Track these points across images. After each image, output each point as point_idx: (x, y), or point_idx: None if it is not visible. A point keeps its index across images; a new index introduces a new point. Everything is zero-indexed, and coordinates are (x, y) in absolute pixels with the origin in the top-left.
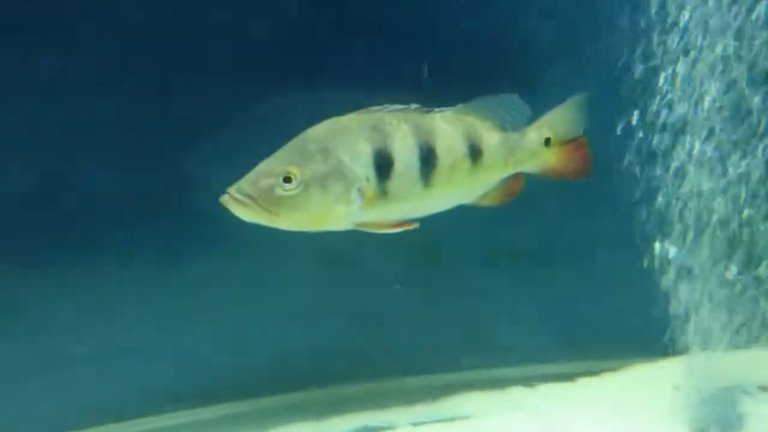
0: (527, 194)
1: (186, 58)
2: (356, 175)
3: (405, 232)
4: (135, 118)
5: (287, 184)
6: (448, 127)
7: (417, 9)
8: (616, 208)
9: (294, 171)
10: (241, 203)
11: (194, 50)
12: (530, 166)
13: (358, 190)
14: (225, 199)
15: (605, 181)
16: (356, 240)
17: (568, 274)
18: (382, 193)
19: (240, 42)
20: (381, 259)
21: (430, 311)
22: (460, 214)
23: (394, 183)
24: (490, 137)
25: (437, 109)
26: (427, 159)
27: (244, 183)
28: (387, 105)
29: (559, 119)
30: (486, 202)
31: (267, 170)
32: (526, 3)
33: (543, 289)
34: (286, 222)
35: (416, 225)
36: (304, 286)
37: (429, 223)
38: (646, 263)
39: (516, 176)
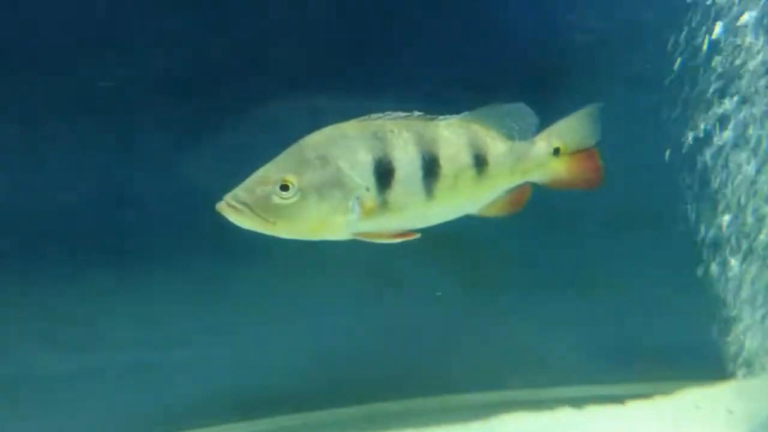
0: (583, 210)
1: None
2: (355, 183)
3: (454, 248)
4: (193, 129)
5: (284, 192)
6: (451, 136)
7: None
8: (671, 228)
9: (291, 179)
10: (236, 210)
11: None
12: (538, 176)
13: (357, 199)
14: (221, 206)
15: (658, 199)
16: (400, 255)
17: (621, 293)
18: (382, 203)
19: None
20: (426, 276)
21: (477, 329)
22: (515, 231)
23: (395, 193)
24: (496, 146)
25: (441, 117)
26: (430, 168)
27: (241, 190)
28: (389, 112)
29: (570, 129)
30: (491, 212)
31: (264, 178)
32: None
33: (594, 309)
34: (283, 230)
35: (417, 235)
36: (348, 300)
37: (478, 239)
38: (700, 284)
39: (523, 186)
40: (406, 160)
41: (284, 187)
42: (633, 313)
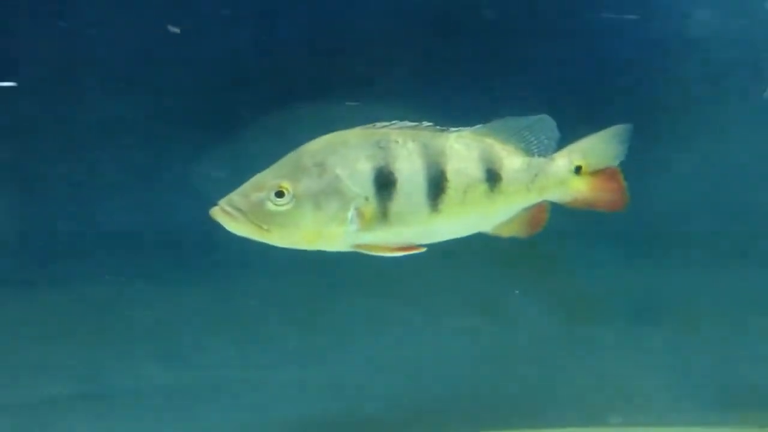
0: (688, 236)
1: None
2: (354, 193)
3: (553, 278)
4: None
5: (278, 199)
6: (462, 148)
7: None
8: None
9: (286, 185)
10: (230, 216)
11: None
12: (557, 195)
13: (356, 209)
14: (215, 212)
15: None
16: (503, 284)
17: (729, 330)
18: (383, 215)
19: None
20: (523, 305)
21: (574, 363)
22: (609, 265)
23: (397, 205)
24: (511, 161)
25: (452, 129)
26: (436, 181)
27: (236, 195)
28: (395, 121)
29: (593, 147)
30: (507, 232)
31: (259, 183)
32: None
33: (701, 346)
34: (278, 239)
35: (423, 249)
36: (450, 328)
37: (577, 267)
38: None
39: (540, 205)
40: (409, 171)
41: (279, 194)
42: (744, 351)
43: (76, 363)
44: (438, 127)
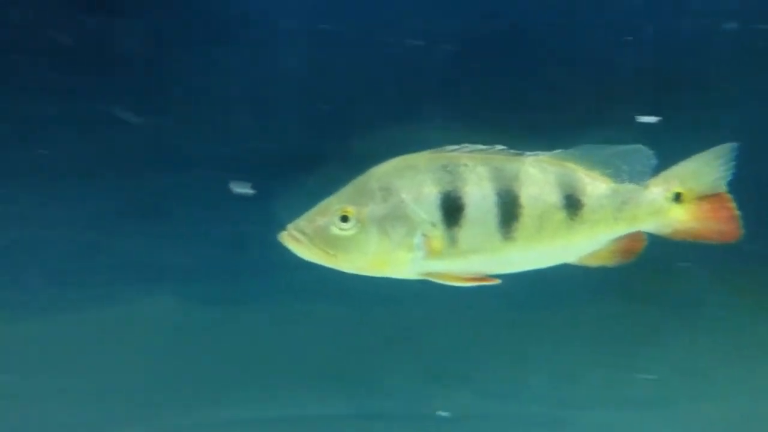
0: None
1: None
2: (420, 218)
3: None
4: None
5: (343, 224)
6: (538, 173)
7: None
8: None
9: (350, 210)
10: (297, 241)
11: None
12: (653, 225)
13: (423, 235)
14: (283, 237)
15: None
16: None
17: None
18: (451, 242)
19: None
20: None
21: None
22: None
23: (466, 231)
24: (595, 188)
25: (529, 153)
26: (508, 207)
27: (302, 220)
28: (466, 145)
29: (695, 171)
30: (594, 262)
31: (324, 208)
32: None
33: None
34: (344, 264)
35: (497, 281)
36: None
37: None
38: None
39: (634, 235)
40: (479, 197)
41: (343, 218)
42: None
43: None
44: (512, 150)
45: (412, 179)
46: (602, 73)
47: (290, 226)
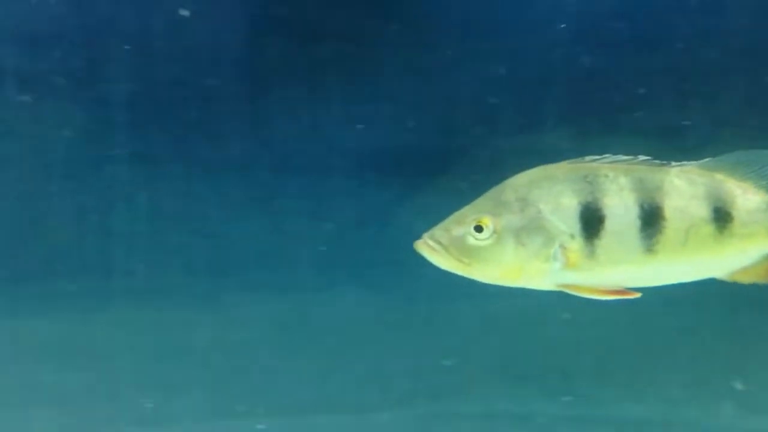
0: None
1: None
2: (558, 230)
3: None
4: None
5: (479, 234)
6: (684, 185)
7: None
8: None
9: (486, 220)
10: (432, 250)
11: None
12: None
13: (561, 247)
14: (419, 245)
15: None
16: None
17: None
18: (590, 254)
19: None
20: None
21: None
22: None
23: (605, 243)
24: (747, 200)
25: (675, 163)
26: (651, 219)
27: (438, 230)
28: (607, 155)
29: None
30: (747, 279)
31: (460, 218)
32: None
33: None
34: (479, 273)
35: (637, 294)
36: None
37: None
38: None
39: None
40: (620, 208)
41: (479, 228)
42: None
43: None
44: (657, 161)
45: (550, 190)
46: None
47: (426, 235)
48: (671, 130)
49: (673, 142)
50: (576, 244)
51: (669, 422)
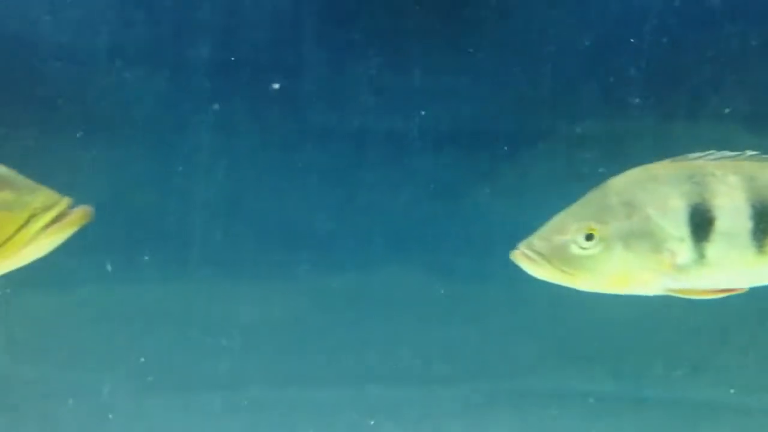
0: None
1: None
2: (667, 234)
3: None
4: None
5: (585, 243)
6: None
7: None
8: None
9: (594, 228)
10: (531, 260)
11: None
12: None
13: (669, 251)
14: (516, 255)
15: None
16: None
17: None
18: (699, 257)
19: None
20: None
21: None
22: None
23: (715, 246)
24: None
25: None
26: (763, 219)
27: (537, 239)
28: (712, 151)
29: None
30: None
31: (562, 225)
32: None
33: None
34: (583, 283)
35: (744, 289)
36: None
37: None
38: None
39: None
40: (731, 209)
41: (588, 237)
42: None
43: None
44: (766, 155)
45: (656, 192)
46: None
47: (522, 245)
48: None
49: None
50: (686, 248)
51: (744, 407)
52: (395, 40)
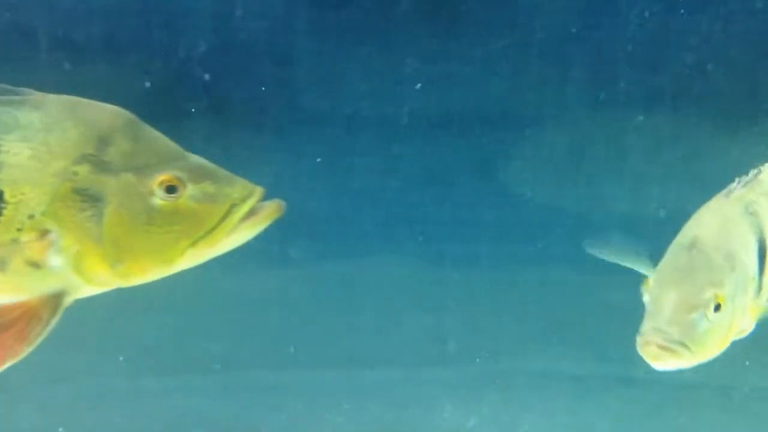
0: None
1: None
2: (751, 276)
3: None
4: None
5: (716, 314)
6: None
7: None
8: None
9: (720, 296)
10: (672, 352)
11: None
12: None
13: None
14: (648, 351)
15: None
16: None
17: None
18: (759, 290)
19: None
20: None
21: None
22: None
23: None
24: None
25: None
26: None
27: (665, 325)
28: (745, 176)
29: None
30: None
31: (684, 301)
32: None
33: None
34: (701, 358)
35: None
36: None
37: None
38: None
39: None
40: None
41: (717, 307)
42: None
43: None
44: None
45: (741, 236)
46: None
47: (652, 335)
48: None
49: None
50: (754, 283)
51: (727, 386)
52: (386, 27)
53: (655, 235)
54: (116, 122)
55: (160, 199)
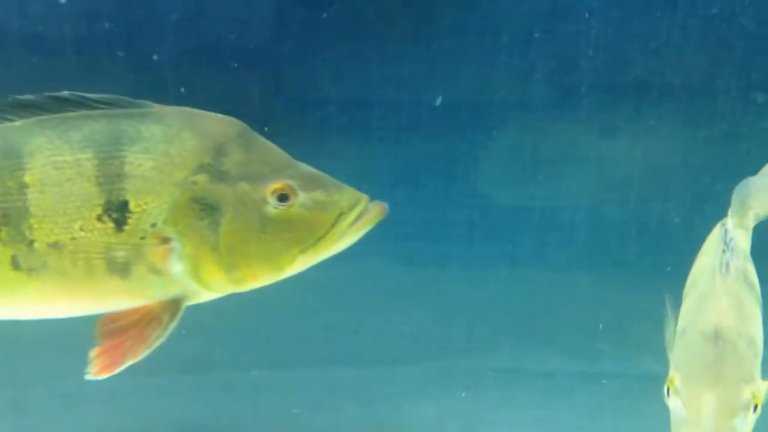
0: None
1: None
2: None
3: None
4: None
5: (752, 415)
6: None
7: None
8: None
9: (758, 396)
10: None
11: None
12: None
13: None
14: None
15: None
16: None
17: None
18: None
19: None
20: None
21: None
22: None
23: None
24: None
25: None
26: None
27: (717, 426)
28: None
29: None
30: None
31: (725, 407)
32: None
33: None
34: None
35: None
36: None
37: None
38: None
39: None
40: None
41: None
42: None
43: None
44: None
45: (752, 315)
46: None
47: None
48: None
49: None
50: None
51: None
52: (353, 30)
53: (620, 235)
54: (231, 132)
55: (272, 207)
